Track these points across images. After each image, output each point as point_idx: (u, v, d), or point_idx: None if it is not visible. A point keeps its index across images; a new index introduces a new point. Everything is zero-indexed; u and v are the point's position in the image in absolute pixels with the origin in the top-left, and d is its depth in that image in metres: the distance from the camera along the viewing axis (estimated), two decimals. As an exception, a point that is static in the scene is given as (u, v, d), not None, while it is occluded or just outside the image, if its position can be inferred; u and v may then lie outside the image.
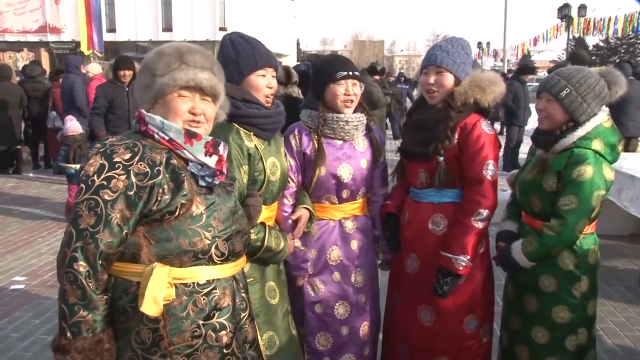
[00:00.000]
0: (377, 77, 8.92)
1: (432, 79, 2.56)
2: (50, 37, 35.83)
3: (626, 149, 7.94)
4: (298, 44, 61.65)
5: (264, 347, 2.33)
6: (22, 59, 25.88)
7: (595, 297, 2.60)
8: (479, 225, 2.48)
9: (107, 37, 26.31)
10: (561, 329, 2.52)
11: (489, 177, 2.50)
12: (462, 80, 2.56)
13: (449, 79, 2.55)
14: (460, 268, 2.48)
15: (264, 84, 2.35)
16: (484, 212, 2.49)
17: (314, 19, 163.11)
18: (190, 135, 1.75)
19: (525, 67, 11.51)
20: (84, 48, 17.38)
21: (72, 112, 8.62)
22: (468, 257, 2.48)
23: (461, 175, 2.56)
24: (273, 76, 2.39)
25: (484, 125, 2.55)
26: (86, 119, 7.75)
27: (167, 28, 35.90)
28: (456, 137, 2.53)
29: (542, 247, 2.45)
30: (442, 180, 2.55)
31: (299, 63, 7.76)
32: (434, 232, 2.61)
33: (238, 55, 2.32)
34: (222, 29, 32.85)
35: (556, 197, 2.45)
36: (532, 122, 9.13)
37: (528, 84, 10.58)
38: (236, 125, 2.28)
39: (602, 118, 2.49)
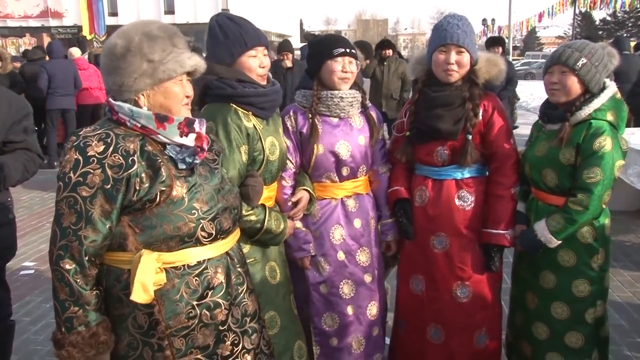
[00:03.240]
0: (390, 51, 8.69)
1: (453, 58, 2.54)
2: (52, 22, 35.68)
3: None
4: (301, 24, 61.13)
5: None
6: (25, 44, 25.79)
7: (609, 268, 2.63)
8: (515, 197, 2.63)
9: (109, 21, 26.11)
10: (581, 302, 2.54)
11: (516, 151, 2.66)
12: (475, 60, 2.59)
13: (467, 59, 2.56)
14: (509, 240, 2.61)
15: (255, 64, 2.33)
16: (517, 185, 2.64)
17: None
18: (162, 119, 1.71)
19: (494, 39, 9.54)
20: (85, 32, 17.33)
21: (71, 93, 9.11)
22: (511, 229, 2.61)
23: (484, 151, 2.63)
24: (264, 55, 2.37)
25: (499, 102, 2.68)
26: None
27: (170, 11, 35.63)
28: (480, 114, 2.59)
29: (571, 223, 2.44)
30: (473, 158, 2.58)
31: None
32: (461, 208, 2.64)
33: (226, 37, 2.30)
34: (224, 10, 32.58)
35: (575, 171, 2.45)
36: (538, 99, 8.53)
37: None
38: (234, 105, 2.28)
39: (614, 90, 2.52)
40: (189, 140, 1.74)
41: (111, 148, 1.66)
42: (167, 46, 1.72)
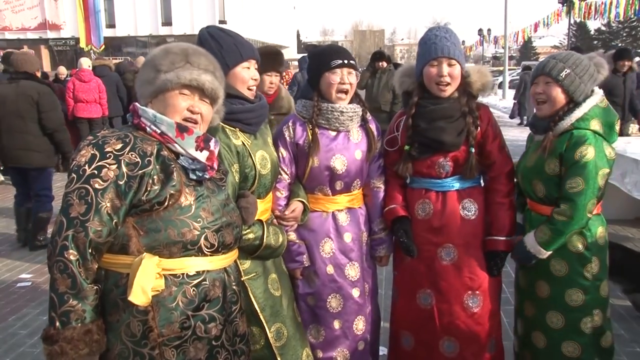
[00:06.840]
0: (383, 63, 8.65)
1: (445, 71, 2.54)
2: (50, 34, 35.79)
3: (620, 133, 7.93)
4: (298, 35, 61.50)
5: (273, 340, 2.35)
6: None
7: (606, 277, 2.62)
8: (514, 204, 2.69)
9: (107, 32, 26.24)
10: (575, 311, 2.54)
11: (511, 159, 2.68)
12: (465, 71, 2.60)
13: (458, 71, 2.57)
14: (512, 246, 2.64)
15: (249, 76, 2.33)
16: (514, 193, 2.69)
17: (314, 10, 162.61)
18: (182, 129, 1.77)
19: None
20: (82, 44, 17.42)
21: None
22: (513, 235, 2.65)
23: (483, 160, 2.66)
24: (256, 68, 2.37)
25: (491, 112, 2.71)
26: None
27: (167, 22, 35.81)
28: (479, 126, 2.62)
29: (556, 234, 2.46)
30: (477, 170, 2.62)
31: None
32: (467, 218, 2.65)
33: (221, 48, 2.27)
34: (221, 21, 32.68)
35: (560, 181, 2.47)
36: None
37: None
38: (221, 123, 2.24)
39: (598, 98, 2.55)
40: (202, 156, 1.80)
41: (129, 147, 1.70)
42: (178, 60, 1.81)
